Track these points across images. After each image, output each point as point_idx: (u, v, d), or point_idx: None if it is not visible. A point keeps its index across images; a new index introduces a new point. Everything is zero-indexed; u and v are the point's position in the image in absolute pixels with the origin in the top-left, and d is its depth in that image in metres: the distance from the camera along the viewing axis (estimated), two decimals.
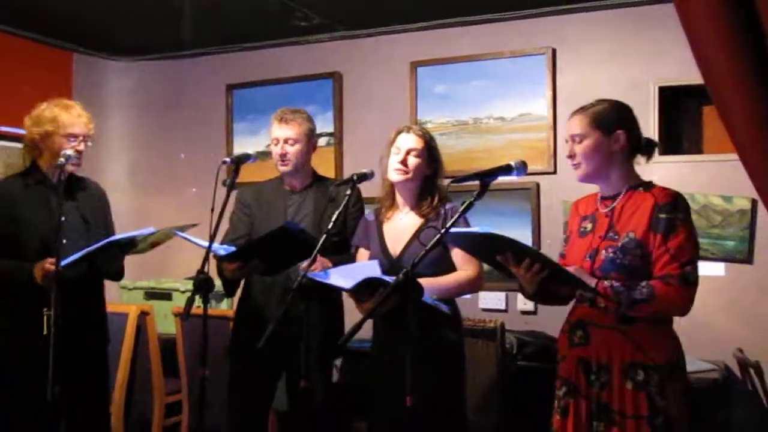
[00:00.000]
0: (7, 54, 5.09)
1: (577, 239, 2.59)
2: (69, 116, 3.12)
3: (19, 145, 3.37)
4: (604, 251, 2.46)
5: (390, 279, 2.50)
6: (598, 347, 2.47)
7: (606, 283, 2.40)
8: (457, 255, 2.98)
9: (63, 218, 2.98)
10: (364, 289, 2.69)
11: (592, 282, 2.40)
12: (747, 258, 4.27)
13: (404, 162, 2.97)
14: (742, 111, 1.57)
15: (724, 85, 1.59)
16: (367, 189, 3.34)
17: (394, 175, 3.00)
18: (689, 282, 2.36)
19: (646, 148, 2.56)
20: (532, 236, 4.70)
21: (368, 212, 3.21)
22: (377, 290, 2.65)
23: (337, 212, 2.80)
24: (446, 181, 2.89)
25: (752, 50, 1.54)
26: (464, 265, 2.98)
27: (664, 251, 2.38)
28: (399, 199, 3.08)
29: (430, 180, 3.04)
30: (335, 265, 2.95)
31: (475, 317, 4.19)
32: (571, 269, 2.41)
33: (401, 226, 3.02)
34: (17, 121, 3.37)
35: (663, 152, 4.19)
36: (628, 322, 2.42)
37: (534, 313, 4.70)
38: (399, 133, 3.04)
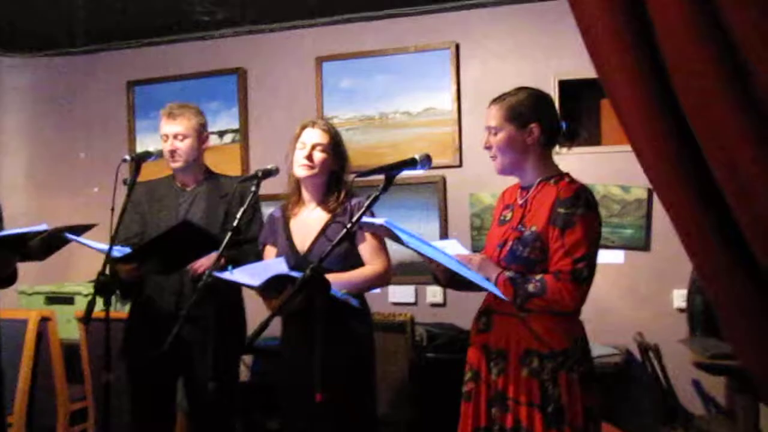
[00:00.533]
0: None
1: (496, 227, 2.60)
2: None
3: None
4: (510, 242, 2.47)
5: (298, 275, 2.48)
6: (498, 334, 2.49)
7: (506, 274, 2.41)
8: (364, 250, 2.98)
9: None
10: (272, 286, 2.64)
11: (495, 272, 2.41)
12: (644, 245, 4.33)
13: (310, 157, 2.96)
14: (635, 107, 1.58)
15: (615, 80, 1.58)
16: (272, 185, 3.32)
17: (300, 171, 2.98)
18: (580, 279, 2.35)
19: (569, 136, 2.55)
20: (439, 229, 4.70)
21: (274, 209, 3.18)
22: (285, 287, 2.61)
23: (242, 209, 2.76)
24: (352, 176, 2.90)
25: (641, 44, 1.55)
26: (372, 260, 2.98)
27: (560, 246, 2.38)
28: (305, 194, 3.06)
29: (336, 175, 3.03)
30: (231, 261, 2.88)
31: (385, 311, 4.21)
32: (477, 259, 2.43)
33: (308, 222, 3.00)
34: None
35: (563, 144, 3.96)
36: (528, 311, 2.43)
37: (443, 305, 4.71)
38: (304, 127, 3.03)
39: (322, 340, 2.37)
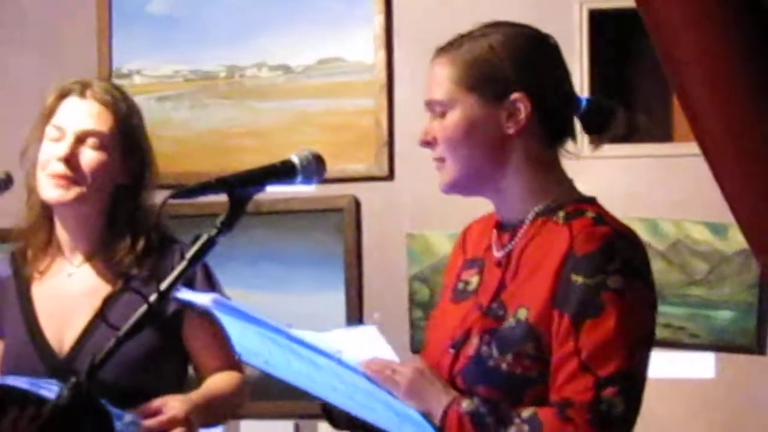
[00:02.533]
0: None
1: (449, 305, 2.28)
2: None
3: None
4: (477, 338, 2.13)
5: (49, 389, 2.27)
6: None
7: (464, 405, 2.06)
8: (198, 343, 2.67)
9: None
10: None
11: (441, 401, 2.08)
12: (755, 343, 3.74)
13: (70, 159, 2.57)
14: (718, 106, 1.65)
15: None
16: None
17: (49, 190, 2.60)
18: (607, 419, 2.03)
19: (599, 122, 2.16)
20: (346, 305, 3.93)
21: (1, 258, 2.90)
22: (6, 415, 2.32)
23: None
24: (161, 195, 2.27)
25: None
26: (220, 363, 2.63)
27: (572, 352, 2.03)
28: (63, 235, 2.69)
29: (127, 193, 2.68)
30: None
31: None
32: (407, 373, 2.10)
33: (69, 289, 2.66)
34: None
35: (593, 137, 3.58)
36: None
37: None
38: (62, 96, 2.66)
39: None
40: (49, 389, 2.30)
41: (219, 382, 2.67)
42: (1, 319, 2.74)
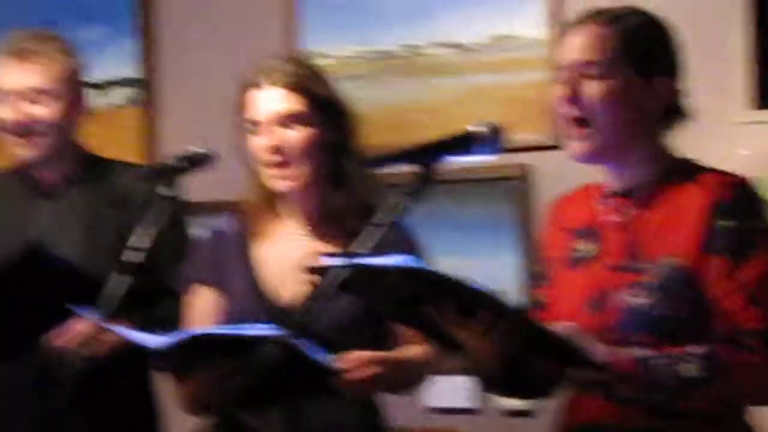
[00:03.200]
0: None
1: (567, 273, 2.48)
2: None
3: None
4: (621, 295, 2.29)
5: (263, 332, 2.42)
6: None
7: (628, 353, 2.22)
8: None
9: None
10: (193, 353, 2.54)
11: (602, 353, 2.19)
12: None
13: (276, 147, 2.80)
14: None
15: None
16: (205, 184, 3.13)
17: (272, 182, 2.87)
18: None
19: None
20: (517, 267, 4.09)
21: (219, 221, 3.13)
22: (213, 358, 2.54)
23: (154, 230, 2.64)
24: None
25: None
26: (411, 335, 2.78)
27: (736, 289, 2.22)
28: (286, 204, 2.95)
29: (337, 158, 2.90)
30: (140, 326, 2.73)
31: (421, 425, 4.04)
32: (559, 329, 2.22)
33: (293, 251, 2.88)
34: None
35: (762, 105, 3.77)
36: (675, 418, 2.26)
37: (526, 414, 4.09)
38: (249, 87, 2.88)
39: None
40: (261, 329, 2.48)
41: (412, 350, 2.82)
42: (223, 277, 2.94)
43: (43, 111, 3.13)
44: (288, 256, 2.84)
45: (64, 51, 3.22)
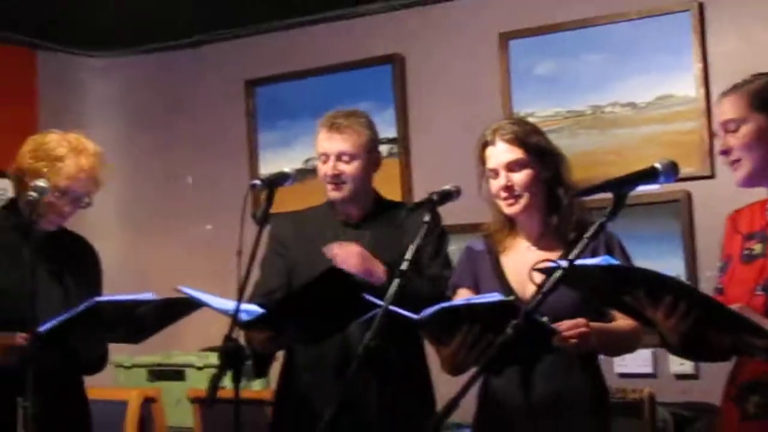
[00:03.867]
0: None
1: (739, 266, 2.62)
2: (73, 164, 3.30)
3: None
4: None
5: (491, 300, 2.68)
6: None
7: None
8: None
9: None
10: (445, 322, 2.76)
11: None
12: None
13: (511, 188, 3.04)
14: None
15: None
16: (450, 213, 3.28)
17: (507, 209, 3.08)
18: None
19: None
20: (686, 268, 4.60)
21: (471, 241, 3.27)
22: (460, 328, 2.72)
23: (414, 246, 2.80)
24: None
25: None
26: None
27: None
28: (521, 224, 3.15)
29: (554, 189, 3.11)
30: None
31: (611, 386, 3.70)
32: (734, 308, 2.39)
33: (530, 259, 2.93)
34: None
35: None
36: None
37: (695, 377, 4.55)
38: (485, 145, 3.11)
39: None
40: (501, 301, 2.76)
41: (621, 323, 3.02)
42: (476, 278, 3.19)
43: (349, 168, 3.51)
44: (524, 262, 2.97)
45: (364, 124, 3.57)
